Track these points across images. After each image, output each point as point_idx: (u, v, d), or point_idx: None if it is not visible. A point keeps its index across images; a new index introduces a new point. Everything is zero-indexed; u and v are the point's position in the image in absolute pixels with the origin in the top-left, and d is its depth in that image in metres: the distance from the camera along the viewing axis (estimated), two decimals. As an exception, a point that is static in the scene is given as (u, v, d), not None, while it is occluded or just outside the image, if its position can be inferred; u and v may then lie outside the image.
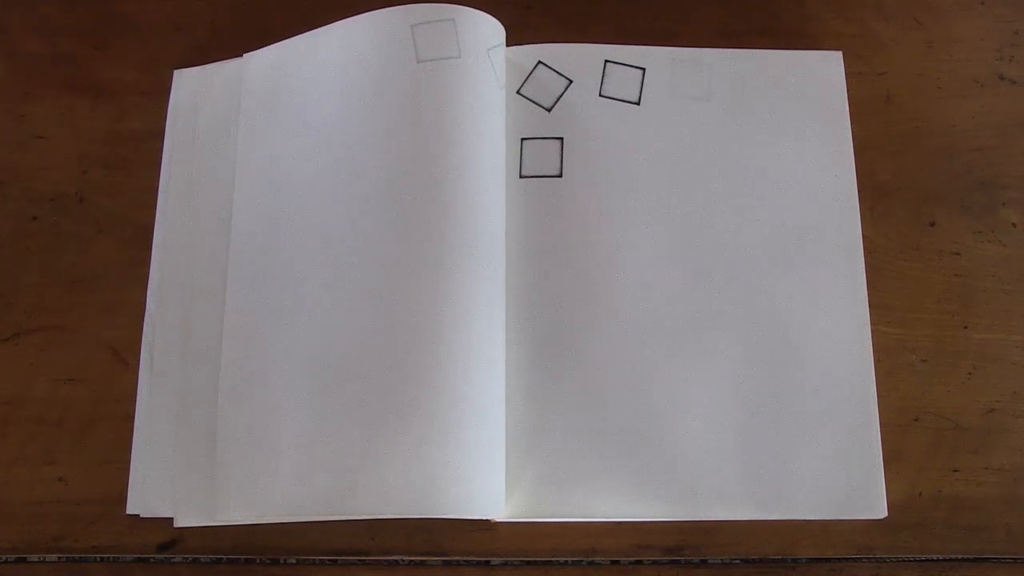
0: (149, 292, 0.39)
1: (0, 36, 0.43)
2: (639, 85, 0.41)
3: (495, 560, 0.36)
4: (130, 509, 0.36)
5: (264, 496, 0.34)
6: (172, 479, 0.36)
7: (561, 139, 0.40)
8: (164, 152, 0.40)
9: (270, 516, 0.35)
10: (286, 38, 0.40)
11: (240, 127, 0.40)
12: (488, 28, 0.38)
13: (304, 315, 0.36)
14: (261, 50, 0.40)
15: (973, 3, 0.43)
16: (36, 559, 0.36)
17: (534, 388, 0.37)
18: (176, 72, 0.42)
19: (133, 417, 0.37)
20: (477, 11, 0.38)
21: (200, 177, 0.40)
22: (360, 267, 0.35)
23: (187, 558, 0.36)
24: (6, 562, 0.36)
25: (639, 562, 0.36)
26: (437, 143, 0.36)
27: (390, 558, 0.36)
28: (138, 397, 0.37)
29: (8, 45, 0.43)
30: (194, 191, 0.40)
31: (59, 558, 0.36)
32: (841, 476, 0.35)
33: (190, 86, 0.41)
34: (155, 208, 0.40)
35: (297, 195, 0.38)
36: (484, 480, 0.34)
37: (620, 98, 0.41)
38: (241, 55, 0.41)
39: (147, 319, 0.38)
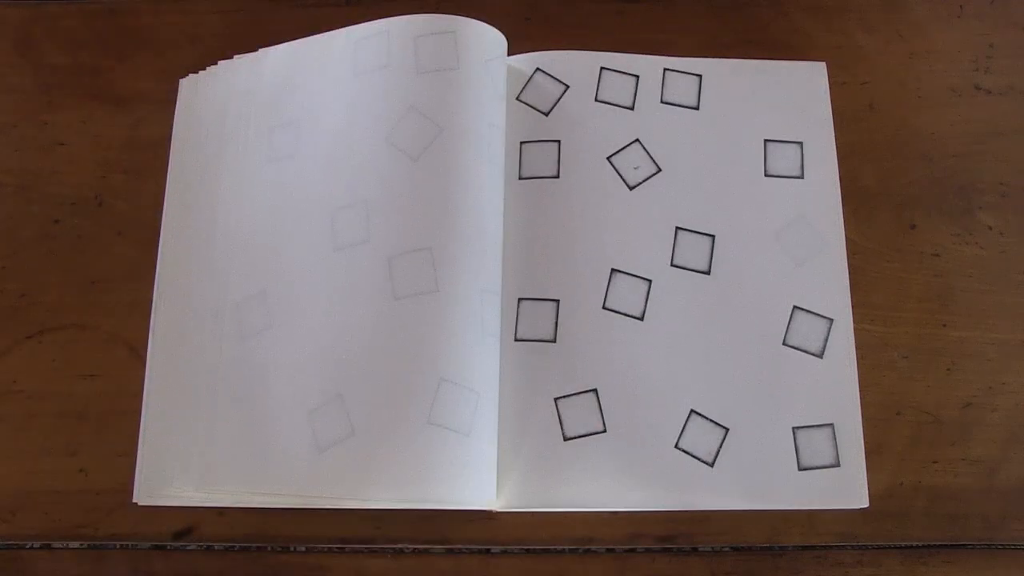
0: (156, 290, 0.39)
1: (25, 48, 0.44)
2: (633, 91, 0.42)
3: (495, 548, 0.37)
4: (136, 498, 0.37)
5: (262, 477, 0.35)
6: (175, 468, 0.36)
7: (558, 142, 0.41)
8: (171, 155, 0.41)
9: (265, 498, 0.35)
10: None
11: (250, 120, 0.40)
12: (488, 40, 0.39)
13: (304, 313, 0.37)
14: (273, 47, 0.41)
15: (951, 17, 0.44)
16: (60, 545, 0.37)
17: (528, 382, 0.37)
18: (181, 81, 0.43)
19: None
20: (479, 23, 0.39)
21: (199, 176, 0.41)
22: (360, 263, 0.36)
23: (201, 545, 0.37)
24: (32, 548, 0.37)
25: (633, 550, 0.37)
26: (434, 151, 0.37)
27: (395, 546, 0.37)
28: (145, 391, 0.38)
29: (33, 57, 0.44)
30: (193, 190, 0.40)
31: (81, 545, 0.37)
32: (825, 468, 0.36)
33: (191, 91, 0.42)
34: (168, 211, 0.41)
35: (299, 192, 0.39)
36: (475, 472, 0.34)
37: (615, 103, 0.42)
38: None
39: (153, 316, 0.39)
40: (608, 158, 0.41)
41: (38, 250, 0.41)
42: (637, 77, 0.42)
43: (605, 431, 0.37)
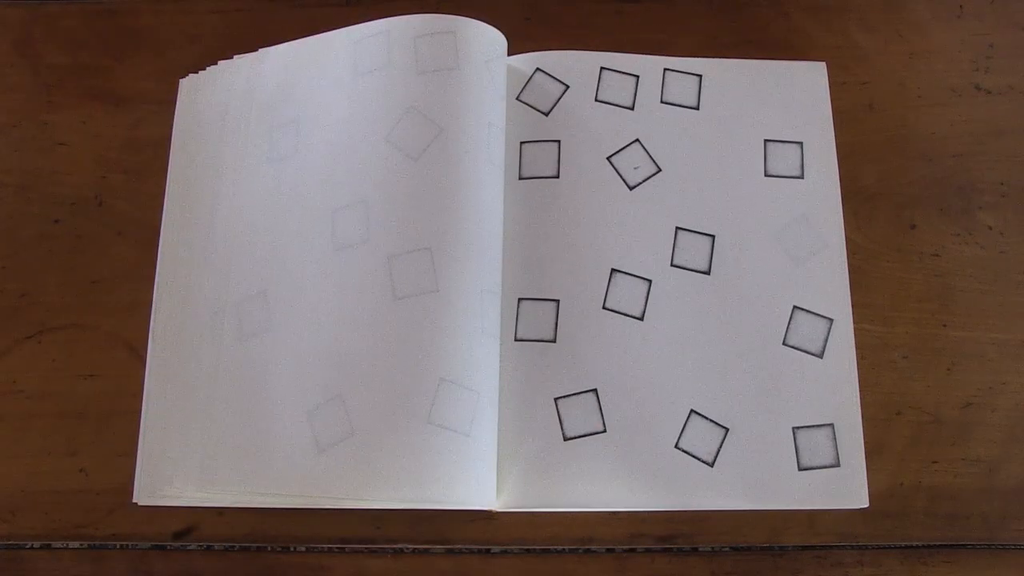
0: (156, 290, 0.40)
1: (25, 48, 0.44)
2: (633, 91, 0.42)
3: (495, 548, 0.37)
4: (136, 498, 0.37)
5: (262, 477, 0.35)
6: (174, 468, 0.36)
7: (558, 142, 0.41)
8: (171, 155, 0.42)
9: (264, 498, 0.35)
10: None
11: (250, 120, 0.40)
12: (488, 39, 0.40)
13: (304, 313, 0.37)
14: (273, 47, 0.42)
15: (951, 17, 0.44)
16: (60, 545, 0.37)
17: (528, 382, 0.37)
18: (181, 81, 0.43)
19: (144, 410, 0.38)
20: (479, 23, 0.39)
21: (199, 176, 0.41)
22: (360, 263, 0.36)
23: (201, 545, 0.37)
24: (32, 548, 0.37)
25: (633, 550, 0.37)
26: (434, 151, 0.37)
27: (395, 546, 0.37)
28: (145, 391, 0.38)
29: (33, 57, 0.44)
30: (193, 190, 0.41)
31: (81, 545, 0.37)
32: (825, 468, 0.36)
33: (191, 91, 0.42)
34: (168, 211, 0.41)
35: (299, 191, 0.39)
36: (475, 472, 0.35)
37: (615, 103, 0.42)
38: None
39: (153, 316, 0.39)
40: (608, 158, 0.41)
41: (38, 250, 0.41)
42: (637, 77, 0.42)
43: (605, 431, 0.37)
